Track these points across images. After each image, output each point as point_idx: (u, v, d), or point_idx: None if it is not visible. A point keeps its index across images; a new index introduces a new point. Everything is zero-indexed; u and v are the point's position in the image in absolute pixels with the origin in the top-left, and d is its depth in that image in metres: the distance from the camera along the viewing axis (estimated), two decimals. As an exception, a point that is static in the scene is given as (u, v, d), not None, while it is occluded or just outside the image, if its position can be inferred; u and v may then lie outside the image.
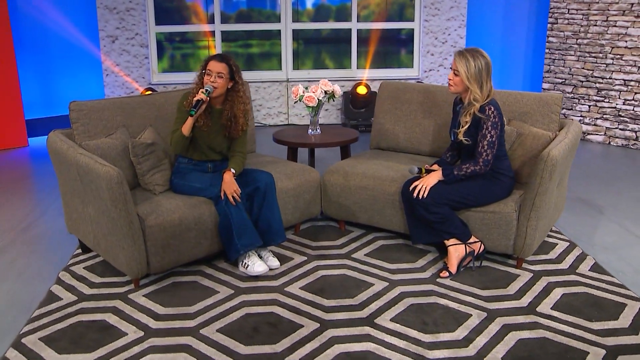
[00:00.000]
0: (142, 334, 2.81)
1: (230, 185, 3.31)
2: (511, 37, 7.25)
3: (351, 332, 2.82)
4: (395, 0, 7.83)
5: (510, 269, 3.46)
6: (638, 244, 3.85)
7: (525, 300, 3.12)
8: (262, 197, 3.44)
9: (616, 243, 3.85)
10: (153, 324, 2.90)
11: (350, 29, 7.34)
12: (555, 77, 6.59)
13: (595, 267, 3.49)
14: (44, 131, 6.58)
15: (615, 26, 6.05)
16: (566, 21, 6.38)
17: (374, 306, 3.06)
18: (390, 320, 2.93)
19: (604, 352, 2.68)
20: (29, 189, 5.14)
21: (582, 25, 6.28)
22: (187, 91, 3.54)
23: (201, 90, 3.35)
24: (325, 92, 4.30)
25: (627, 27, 5.97)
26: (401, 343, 2.74)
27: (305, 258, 3.61)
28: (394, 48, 7.90)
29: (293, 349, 2.69)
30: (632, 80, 6.01)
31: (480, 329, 2.85)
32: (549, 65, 6.63)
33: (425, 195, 3.32)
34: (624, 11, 5.96)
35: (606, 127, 6.25)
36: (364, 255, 3.66)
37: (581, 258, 3.61)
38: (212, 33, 7.17)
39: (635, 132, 6.08)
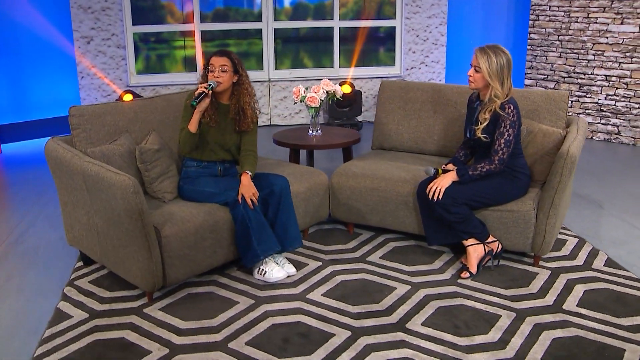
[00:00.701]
0: (167, 350, 2.69)
1: (249, 188, 3.21)
2: (492, 34, 7.32)
3: (385, 339, 2.76)
4: (373, -2, 7.80)
5: (528, 267, 3.46)
6: (637, 233, 3.92)
7: (549, 299, 3.12)
8: (277, 201, 3.34)
9: (623, 238, 3.90)
10: (177, 339, 2.78)
11: (332, 28, 7.26)
12: (538, 74, 6.69)
13: (609, 262, 3.53)
14: (17, 137, 6.29)
15: (596, 23, 6.16)
16: (547, 18, 6.48)
17: (401, 311, 3.01)
18: (421, 324, 2.88)
19: (639, 348, 2.69)
20: (10, 199, 4.89)
21: (563, 22, 6.38)
22: (191, 92, 3.44)
23: (203, 85, 3.26)
24: (327, 92, 4.22)
25: (608, 24, 6.09)
26: (438, 348, 2.70)
27: (320, 263, 3.53)
28: (372, 46, 7.88)
29: (329, 359, 2.62)
30: (613, 76, 6.15)
31: (513, 329, 2.84)
32: (531, 62, 6.72)
33: (440, 197, 3.28)
34: (604, 8, 6.08)
35: (588, 122, 6.36)
36: (379, 258, 3.61)
37: (593, 254, 3.64)
38: (190, 33, 7.00)
39: (617, 126, 6.22)
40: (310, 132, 4.39)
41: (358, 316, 2.96)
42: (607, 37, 6.13)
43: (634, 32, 5.96)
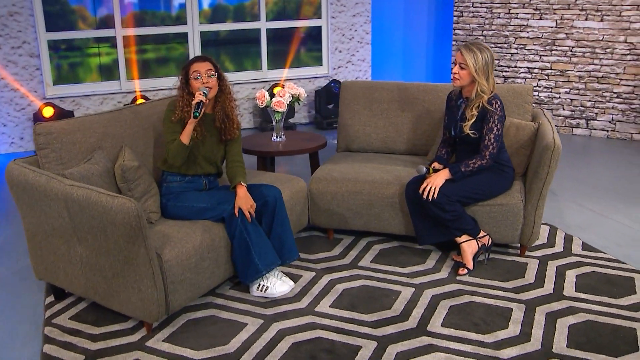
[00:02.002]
0: (190, 385, 2.49)
1: (246, 200, 3.06)
2: (416, 31, 7.52)
3: (413, 345, 2.74)
4: (292, -2, 7.75)
5: (516, 258, 3.58)
6: (604, 220, 4.18)
7: (549, 287, 3.24)
8: (271, 213, 3.21)
9: (586, 222, 4.15)
10: (196, 371, 2.59)
11: (253, 29, 7.12)
12: (463, 68, 6.95)
13: (585, 247, 3.73)
14: None
15: (517, 18, 6.51)
16: (471, 14, 6.76)
17: (416, 314, 3.00)
18: (441, 326, 2.89)
19: (646, 326, 2.86)
20: None
21: (486, 18, 6.68)
22: (171, 101, 3.23)
23: (199, 92, 3.09)
24: (292, 95, 4.12)
25: (528, 19, 6.46)
26: (468, 347, 2.71)
27: (314, 273, 3.44)
28: (287, 47, 7.82)
29: (367, 372, 2.55)
30: (535, 68, 6.53)
31: (529, 321, 2.92)
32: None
33: (435, 196, 3.31)
34: (524, 4, 6.45)
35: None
36: (371, 262, 3.57)
37: (568, 239, 3.83)
38: (105, 39, 6.58)
39: (541, 115, 6.61)
40: (274, 137, 4.27)
41: (376, 324, 2.91)
42: (527, 32, 6.50)
43: (551, 27, 6.36)
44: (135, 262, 2.65)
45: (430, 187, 3.33)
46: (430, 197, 3.32)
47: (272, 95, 4.16)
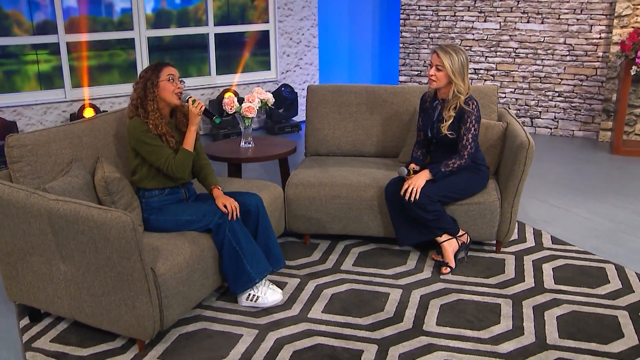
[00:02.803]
0: (196, 401, 2.43)
1: (227, 198, 3.04)
2: (362, 34, 7.62)
3: (414, 346, 2.78)
4: (235, 2, 7.69)
5: (493, 255, 3.70)
6: (567, 214, 4.38)
7: (530, 281, 3.37)
8: (255, 221, 3.17)
9: (550, 217, 4.33)
10: (200, 387, 2.52)
11: (198, 34, 7.01)
12: (411, 70, 7.11)
13: (555, 240, 3.90)
14: None
15: (462, 20, 6.73)
16: (417, 17, 6.92)
17: (409, 315, 3.04)
18: (437, 325, 2.95)
19: (626, 312, 3.03)
20: None
21: (432, 21, 6.86)
22: (134, 121, 3.02)
23: (194, 101, 3.09)
24: (261, 100, 4.09)
25: (473, 22, 6.68)
26: (467, 345, 2.78)
27: (299, 280, 3.42)
28: (237, 52, 7.75)
29: (374, 376, 2.56)
30: (481, 69, 6.76)
31: (519, 315, 3.02)
32: (404, 59, 7.12)
33: (417, 197, 3.37)
34: (469, 7, 6.66)
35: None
36: (352, 266, 3.59)
37: (538, 234, 3.99)
38: (44, 45, 6.29)
39: (487, 115, 6.84)
40: (243, 143, 4.21)
41: (373, 327, 2.93)
42: (473, 34, 6.72)
43: (496, 29, 6.60)
44: (130, 278, 2.55)
45: (412, 188, 3.38)
46: (412, 198, 3.37)
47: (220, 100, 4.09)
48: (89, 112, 5.92)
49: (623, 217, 4.28)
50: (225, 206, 3.00)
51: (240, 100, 4.08)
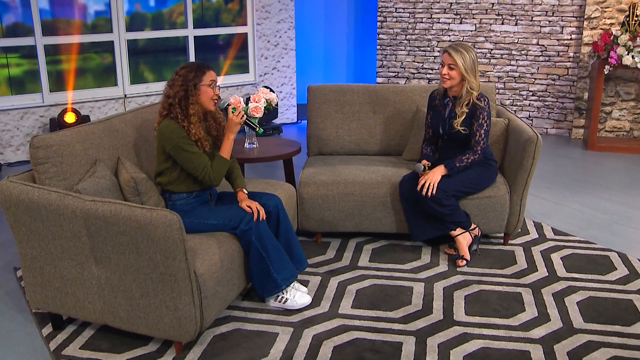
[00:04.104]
0: (249, 400, 2.41)
1: (251, 201, 3.03)
2: (339, 36, 7.67)
3: (449, 335, 2.83)
4: (210, 6, 7.63)
5: (502, 247, 3.80)
6: (560, 207, 4.54)
7: (543, 270, 3.48)
8: (275, 223, 3.16)
9: (545, 210, 4.48)
10: (249, 385, 2.50)
11: (178, 37, 6.92)
12: (389, 71, 7.21)
13: (556, 232, 4.04)
14: None
15: (439, 22, 6.88)
16: (395, 19, 7.03)
17: (437, 306, 3.10)
18: (466, 315, 3.01)
19: (639, 296, 3.17)
20: None
21: (409, 23, 6.98)
22: (170, 125, 2.93)
23: (229, 106, 3.12)
24: (266, 100, 4.08)
25: (449, 24, 6.85)
26: (500, 332, 2.85)
27: (320, 277, 3.43)
28: (213, 55, 7.69)
29: (420, 366, 2.61)
30: (456, 70, 6.91)
31: (541, 302, 3.12)
32: (382, 61, 7.22)
33: (434, 192, 3.44)
34: (445, 9, 6.82)
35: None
36: (369, 262, 3.63)
37: (539, 226, 4.13)
38: (14, 49, 6.08)
39: (463, 115, 7.01)
40: (247, 144, 4.19)
41: (405, 320, 2.97)
42: (449, 35, 6.88)
43: (471, 30, 6.78)
44: (173, 278, 2.51)
45: (429, 183, 3.45)
46: (429, 193, 3.44)
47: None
48: (70, 117, 5.75)
49: (614, 209, 4.47)
50: (249, 207, 2.98)
51: (246, 101, 4.04)
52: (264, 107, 4.11)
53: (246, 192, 3.13)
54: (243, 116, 3.04)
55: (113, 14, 6.21)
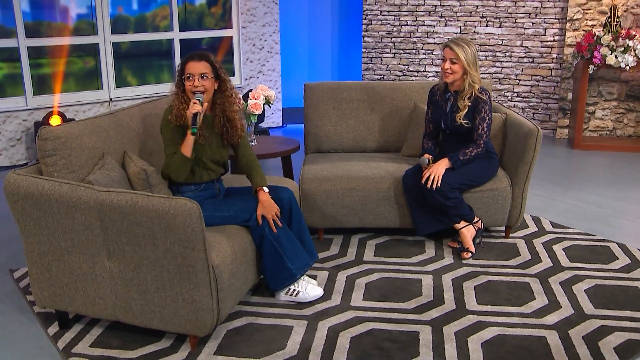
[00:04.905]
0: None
1: (270, 207, 2.96)
2: (324, 39, 7.71)
3: (464, 324, 2.85)
4: (193, 10, 7.60)
5: (503, 240, 3.84)
6: (555, 202, 4.62)
7: (547, 261, 3.53)
8: (288, 216, 3.14)
9: (541, 205, 4.55)
10: (270, 377, 2.47)
11: (171, 40, 6.88)
12: (375, 74, 7.26)
13: (554, 225, 4.10)
14: None
15: (424, 25, 6.96)
16: (380, 22, 7.09)
17: (449, 297, 3.11)
18: (478, 304, 3.03)
19: (645, 283, 3.24)
20: None
21: (394, 26, 7.05)
22: (168, 107, 3.02)
23: (193, 100, 2.91)
24: (265, 97, 4.07)
25: (434, 26, 6.93)
26: (514, 319, 2.88)
27: (327, 272, 3.42)
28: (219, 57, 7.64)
29: (439, 354, 2.60)
30: (442, 72, 7.00)
31: (549, 291, 3.16)
32: (367, 64, 7.26)
33: (439, 184, 3.46)
34: (430, 12, 6.91)
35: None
36: (374, 256, 3.63)
37: (537, 220, 4.19)
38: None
39: (449, 117, 7.09)
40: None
41: (419, 310, 2.98)
42: (434, 37, 6.96)
43: (456, 33, 6.88)
44: (192, 269, 2.47)
45: (433, 176, 3.47)
46: (434, 186, 3.46)
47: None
48: (56, 120, 5.65)
49: (607, 203, 4.56)
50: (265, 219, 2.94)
51: (244, 98, 4.02)
52: (263, 104, 4.10)
53: (267, 190, 3.06)
54: (195, 109, 2.86)
55: (98, 16, 6.13)
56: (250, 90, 4.22)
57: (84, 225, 2.54)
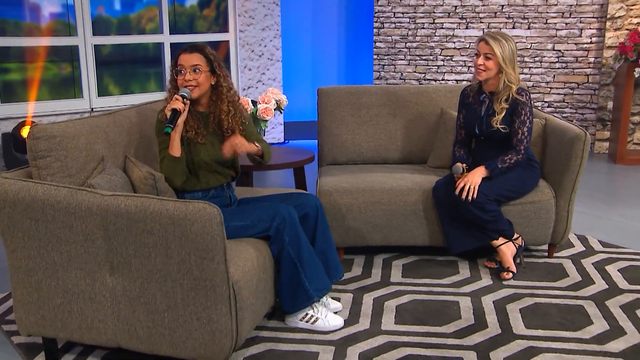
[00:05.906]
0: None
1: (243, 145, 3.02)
2: (330, 45, 7.80)
3: (514, 350, 2.85)
4: (183, 12, 7.70)
5: (547, 260, 3.86)
6: (601, 220, 4.66)
7: (600, 283, 3.54)
8: (313, 226, 3.16)
9: (585, 223, 4.59)
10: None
11: (160, 44, 6.95)
12: (387, 83, 7.34)
13: (604, 244, 4.12)
14: None
15: (442, 28, 7.07)
16: (393, 25, 7.20)
17: (492, 320, 3.12)
18: (527, 328, 3.03)
19: None
20: None
21: (409, 29, 7.16)
22: (162, 107, 3.05)
23: (175, 96, 2.94)
24: (276, 101, 4.11)
25: (454, 29, 7.04)
26: (572, 345, 2.88)
27: (351, 294, 3.43)
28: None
29: (489, 381, 2.60)
30: (463, 80, 7.09)
31: (609, 315, 3.16)
32: (379, 72, 7.35)
33: (475, 196, 3.48)
34: (449, 13, 7.02)
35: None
36: (402, 277, 3.64)
37: (583, 239, 4.21)
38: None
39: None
40: (253, 152, 4.19)
41: (459, 335, 2.98)
42: (454, 42, 7.07)
43: (478, 36, 6.97)
44: (209, 284, 2.46)
45: (469, 186, 3.49)
46: (470, 197, 3.48)
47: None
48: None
49: (660, 220, 4.60)
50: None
51: (254, 103, 4.06)
52: (274, 109, 4.14)
53: (258, 146, 3.12)
54: (174, 105, 2.89)
55: (77, 15, 6.19)
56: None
57: (84, 235, 2.54)
